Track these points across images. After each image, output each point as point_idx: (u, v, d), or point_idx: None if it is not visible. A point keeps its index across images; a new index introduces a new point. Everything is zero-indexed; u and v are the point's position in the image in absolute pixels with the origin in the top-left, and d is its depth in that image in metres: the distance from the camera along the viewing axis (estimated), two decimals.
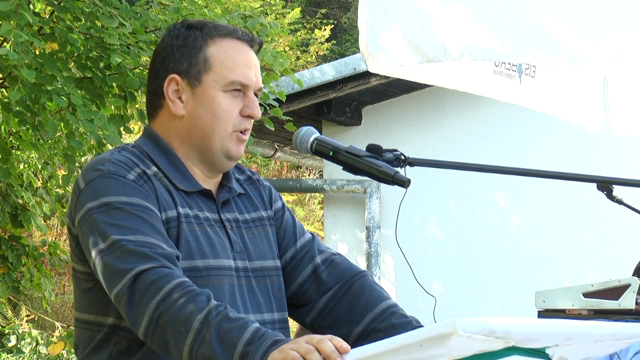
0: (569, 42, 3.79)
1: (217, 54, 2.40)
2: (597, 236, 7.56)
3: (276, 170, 17.54)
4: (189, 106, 2.40)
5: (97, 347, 2.33)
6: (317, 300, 2.49)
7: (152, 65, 2.46)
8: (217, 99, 2.39)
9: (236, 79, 2.39)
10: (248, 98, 2.41)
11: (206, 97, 2.39)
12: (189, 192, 2.39)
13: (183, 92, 2.40)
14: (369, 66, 3.82)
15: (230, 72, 2.39)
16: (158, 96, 2.43)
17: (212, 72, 2.39)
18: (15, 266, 7.12)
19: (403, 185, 2.40)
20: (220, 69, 2.39)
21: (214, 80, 2.39)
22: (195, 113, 2.39)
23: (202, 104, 2.39)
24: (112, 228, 2.22)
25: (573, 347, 2.09)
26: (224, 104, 2.39)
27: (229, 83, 2.39)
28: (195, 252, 2.31)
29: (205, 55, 2.40)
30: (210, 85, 2.39)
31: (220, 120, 2.39)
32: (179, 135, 2.41)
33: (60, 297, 13.16)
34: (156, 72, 2.44)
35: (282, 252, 2.53)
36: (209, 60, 2.40)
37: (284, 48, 16.83)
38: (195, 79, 2.39)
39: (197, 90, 2.39)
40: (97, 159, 2.37)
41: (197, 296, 2.12)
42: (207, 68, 2.39)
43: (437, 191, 7.90)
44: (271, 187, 2.60)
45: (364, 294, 2.47)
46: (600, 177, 2.76)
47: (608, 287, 3.89)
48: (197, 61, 2.40)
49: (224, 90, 2.39)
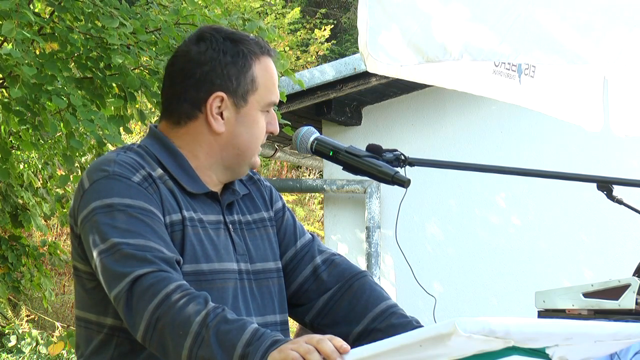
0: (569, 42, 3.79)
1: (261, 74, 2.40)
2: (597, 236, 7.56)
3: (276, 170, 17.54)
4: (229, 124, 2.38)
5: (98, 348, 2.33)
6: (316, 299, 2.49)
7: (190, 73, 2.38)
8: (257, 119, 2.40)
9: (274, 100, 2.43)
10: (271, 115, 2.45)
11: (249, 118, 2.39)
12: (195, 194, 2.38)
13: (226, 109, 2.38)
14: (368, 66, 3.82)
15: (270, 93, 2.41)
16: (195, 108, 2.38)
17: (257, 93, 2.39)
18: (15, 266, 7.12)
19: (403, 185, 2.40)
20: (264, 90, 2.40)
21: (257, 101, 2.40)
22: (236, 132, 2.39)
23: (245, 124, 2.39)
24: (113, 230, 2.22)
25: (573, 347, 2.09)
26: (262, 124, 2.41)
27: (268, 104, 2.42)
28: (200, 256, 2.31)
29: (253, 75, 2.39)
30: (254, 106, 2.39)
31: (258, 140, 2.41)
32: (209, 149, 2.40)
33: (60, 297, 13.15)
34: (197, 83, 2.37)
35: (282, 252, 2.53)
36: (256, 80, 2.39)
37: (284, 48, 16.82)
38: (242, 99, 2.38)
39: (242, 110, 2.39)
40: (103, 158, 2.35)
41: (195, 299, 2.12)
42: (254, 89, 2.39)
43: (437, 191, 7.90)
44: (272, 187, 2.60)
45: (364, 294, 2.47)
46: (600, 177, 2.76)
47: (608, 287, 3.89)
48: (246, 81, 2.38)
49: (262, 110, 2.41)
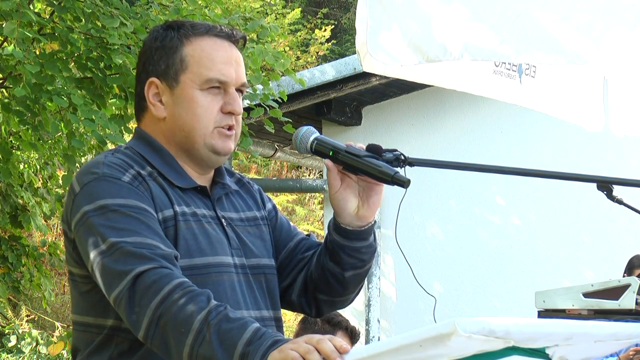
0: (569, 42, 3.79)
1: (194, 53, 2.39)
2: (597, 236, 7.56)
3: (276, 170, 17.54)
4: (169, 108, 2.40)
5: (97, 348, 2.33)
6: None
7: (137, 69, 2.47)
8: (195, 97, 2.38)
9: (213, 76, 2.38)
10: (229, 95, 2.40)
11: (185, 97, 2.38)
12: (185, 189, 2.39)
13: (163, 94, 2.40)
14: (364, 65, 3.81)
15: (207, 69, 2.38)
16: (141, 100, 2.43)
17: (188, 72, 2.39)
18: (15, 266, 7.11)
19: (403, 185, 2.39)
20: (197, 68, 2.38)
21: (191, 80, 2.38)
22: (176, 114, 2.39)
23: (182, 104, 2.38)
24: (110, 230, 2.22)
25: (573, 347, 2.09)
26: (203, 102, 2.38)
27: (206, 81, 2.38)
28: (193, 250, 2.32)
29: (182, 55, 2.39)
30: (187, 85, 2.38)
31: (200, 118, 2.38)
32: (164, 137, 2.41)
33: (60, 297, 13.16)
34: (139, 76, 2.45)
35: (279, 250, 2.54)
36: (185, 59, 2.39)
37: (284, 48, 16.82)
38: (172, 79, 2.39)
39: (176, 90, 2.39)
40: (91, 162, 2.37)
41: (197, 296, 2.12)
42: (184, 67, 2.39)
43: (437, 191, 7.90)
44: (260, 189, 2.62)
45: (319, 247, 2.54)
46: (600, 177, 2.76)
47: (608, 287, 3.89)
48: (174, 62, 2.39)
49: (201, 89, 2.38)
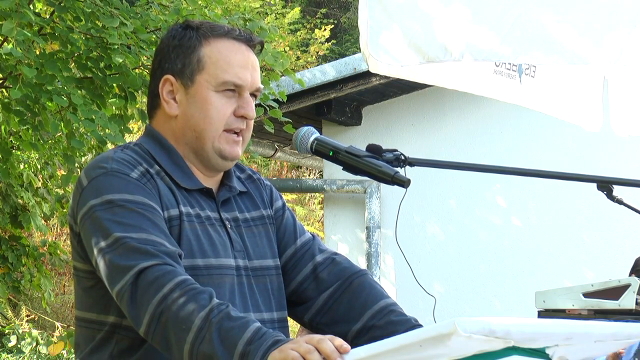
0: (569, 42, 3.79)
1: (211, 54, 2.40)
2: (597, 236, 7.56)
3: (276, 170, 17.54)
4: (182, 106, 2.40)
5: (98, 345, 2.33)
6: (316, 298, 2.49)
7: (152, 66, 2.48)
8: (209, 98, 2.38)
9: (229, 79, 2.39)
10: (243, 98, 2.41)
11: (199, 97, 2.39)
12: (191, 190, 2.39)
13: (177, 92, 2.41)
14: (370, 66, 3.82)
15: (223, 72, 2.39)
16: (155, 97, 2.44)
17: (205, 72, 2.39)
18: (15, 266, 7.12)
19: (403, 185, 2.39)
20: (214, 69, 2.39)
21: (207, 80, 2.39)
22: (188, 113, 2.40)
23: (195, 104, 2.39)
24: (115, 225, 2.22)
25: (573, 347, 2.09)
26: (216, 104, 2.38)
27: (221, 83, 2.39)
28: (196, 251, 2.32)
29: (199, 55, 2.40)
30: (202, 85, 2.39)
31: (212, 119, 2.38)
32: (174, 135, 2.42)
33: (60, 297, 13.15)
34: (154, 73, 2.45)
35: (282, 251, 2.53)
36: (202, 60, 2.39)
37: (284, 48, 16.81)
38: (188, 79, 2.40)
39: (190, 90, 2.39)
40: (100, 157, 2.37)
41: (199, 294, 2.12)
42: (200, 68, 2.39)
43: (437, 191, 7.90)
44: (272, 186, 2.60)
45: (363, 292, 2.46)
46: (600, 177, 2.76)
47: (608, 287, 3.90)
48: (191, 61, 2.40)
49: (216, 90, 2.39)
